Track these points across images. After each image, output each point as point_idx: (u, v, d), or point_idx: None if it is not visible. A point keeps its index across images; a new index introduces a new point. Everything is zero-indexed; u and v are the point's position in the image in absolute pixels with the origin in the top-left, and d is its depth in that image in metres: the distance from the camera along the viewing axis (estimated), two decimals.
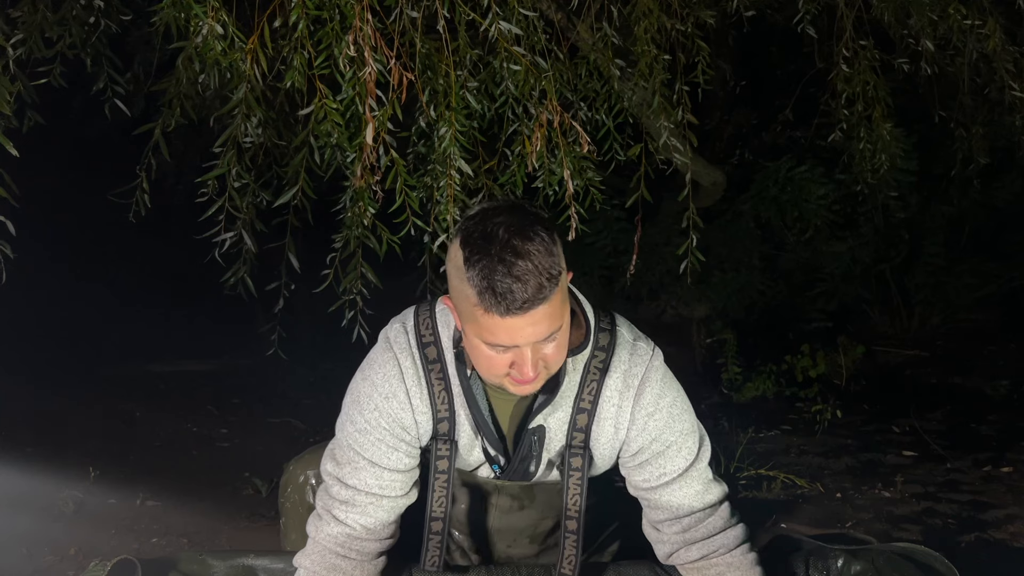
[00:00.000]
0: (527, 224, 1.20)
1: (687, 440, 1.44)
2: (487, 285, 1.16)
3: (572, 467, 1.42)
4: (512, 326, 1.18)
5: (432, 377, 1.38)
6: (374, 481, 1.42)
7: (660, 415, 1.40)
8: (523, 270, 1.15)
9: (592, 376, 1.38)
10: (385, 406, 1.39)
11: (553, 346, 1.24)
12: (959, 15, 2.84)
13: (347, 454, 1.43)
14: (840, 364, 4.32)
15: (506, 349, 1.22)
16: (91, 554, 2.26)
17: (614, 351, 1.39)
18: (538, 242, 1.18)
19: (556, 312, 1.21)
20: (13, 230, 2.04)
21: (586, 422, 1.40)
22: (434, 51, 2.23)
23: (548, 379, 1.33)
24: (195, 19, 2.04)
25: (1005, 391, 4.06)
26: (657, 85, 2.58)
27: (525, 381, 1.26)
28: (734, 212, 5.08)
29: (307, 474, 1.68)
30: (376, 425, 1.39)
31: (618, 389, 1.39)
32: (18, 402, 3.61)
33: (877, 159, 3.09)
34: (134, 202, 2.47)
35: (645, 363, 1.40)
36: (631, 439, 1.41)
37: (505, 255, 1.16)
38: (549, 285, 1.17)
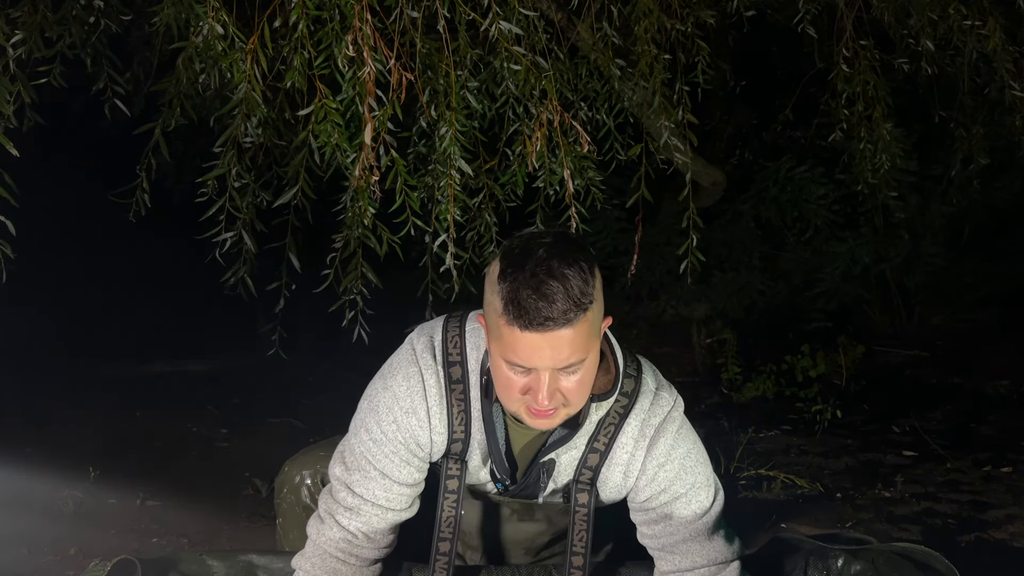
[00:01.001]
0: (569, 251, 1.19)
1: (699, 493, 1.40)
2: (513, 297, 1.15)
3: (579, 503, 1.41)
4: (531, 343, 1.16)
5: (453, 398, 1.37)
6: (382, 493, 1.41)
7: (671, 466, 1.38)
8: (552, 289, 1.14)
9: (611, 420, 1.37)
10: (404, 421, 1.38)
11: (575, 380, 1.22)
12: (959, 15, 2.84)
13: (358, 461, 1.42)
14: (840, 364, 4.32)
15: (525, 372, 1.20)
16: (91, 554, 2.26)
17: (636, 399, 1.38)
18: (576, 269, 1.17)
19: (581, 343, 1.18)
20: (13, 230, 2.04)
21: (597, 462, 1.39)
22: (434, 51, 2.23)
23: (568, 418, 1.30)
24: (195, 19, 2.04)
25: (1005, 391, 4.06)
26: (657, 85, 2.58)
27: (541, 413, 1.23)
28: (734, 212, 5.08)
29: (303, 474, 1.67)
30: (392, 438, 1.38)
31: (634, 437, 1.38)
32: (18, 402, 3.61)
33: (877, 159, 3.09)
34: (134, 202, 2.47)
35: (664, 413, 1.39)
36: (640, 487, 1.40)
37: (539, 271, 1.16)
38: (576, 311, 1.15)
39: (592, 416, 1.35)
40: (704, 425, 3.63)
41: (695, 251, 2.65)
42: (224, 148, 2.27)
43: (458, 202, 2.21)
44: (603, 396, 1.34)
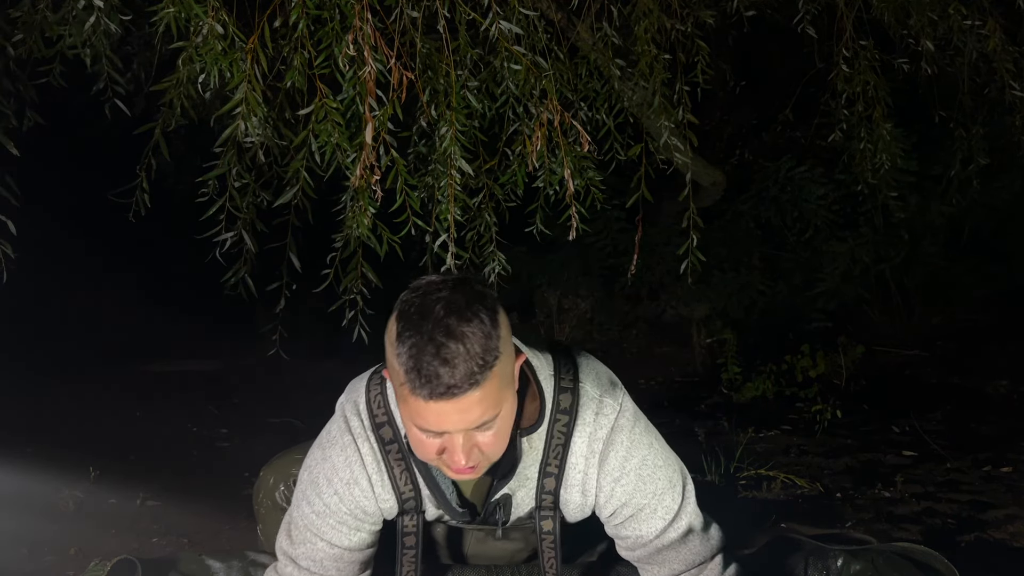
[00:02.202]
0: (468, 303, 1.11)
1: (663, 500, 1.34)
2: (414, 365, 1.08)
3: (544, 530, 1.36)
4: (439, 411, 1.10)
5: (391, 460, 1.32)
6: (332, 564, 1.36)
7: (627, 479, 1.32)
8: (453, 353, 1.07)
9: (557, 440, 1.30)
10: (346, 492, 1.33)
11: (490, 435, 1.16)
12: (959, 15, 2.84)
13: (303, 535, 1.37)
14: (840, 364, 4.32)
15: (436, 435, 1.14)
16: (91, 554, 2.25)
17: (578, 412, 1.31)
18: (476, 324, 1.09)
19: (490, 400, 1.12)
20: (14, 230, 2.04)
21: (553, 486, 1.33)
22: (434, 51, 2.23)
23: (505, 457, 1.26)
24: (195, 19, 2.04)
25: (1005, 391, 4.06)
26: (657, 85, 2.58)
27: (462, 470, 1.18)
28: (734, 212, 5.09)
29: (277, 478, 1.68)
30: (336, 509, 1.34)
31: (583, 454, 1.31)
32: (18, 402, 3.61)
33: (877, 159, 3.09)
34: (134, 202, 2.47)
35: (610, 423, 1.32)
36: (601, 504, 1.35)
37: (437, 335, 1.08)
38: (481, 371, 1.08)
39: (526, 449, 1.30)
40: (704, 425, 3.63)
41: (695, 251, 2.65)
42: (224, 148, 2.27)
43: (458, 202, 2.21)
44: (530, 429, 1.29)
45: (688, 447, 3.22)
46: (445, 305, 1.10)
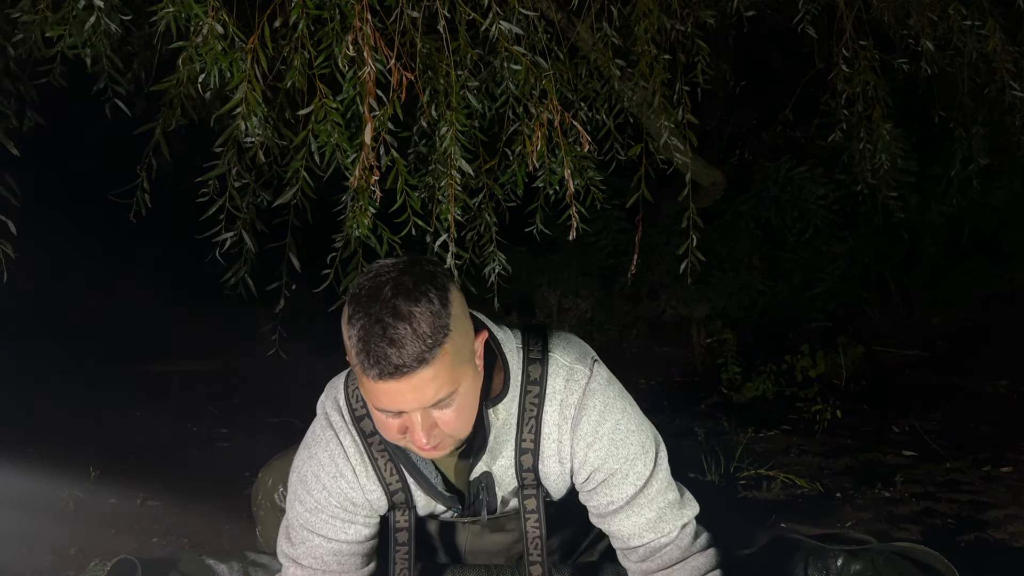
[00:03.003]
0: (416, 284, 1.12)
1: (634, 465, 1.35)
2: (363, 347, 1.10)
3: (527, 509, 1.37)
4: (391, 391, 1.11)
5: (374, 451, 1.33)
6: (332, 559, 1.37)
7: (600, 444, 1.33)
8: (401, 334, 1.08)
9: (529, 413, 1.31)
10: (334, 485, 1.35)
11: (449, 412, 1.16)
12: (959, 15, 2.84)
13: (300, 534, 1.38)
14: (840, 364, 4.32)
15: (395, 415, 1.15)
16: (91, 554, 2.26)
17: (547, 382, 1.32)
18: (423, 304, 1.10)
19: (443, 378, 1.12)
20: (14, 229, 2.04)
21: (531, 462, 1.34)
22: (434, 51, 2.23)
23: (478, 433, 1.28)
24: (195, 19, 2.04)
25: (1005, 391, 4.06)
26: (657, 85, 2.58)
27: (426, 449, 1.19)
28: (734, 212, 5.09)
29: (275, 479, 1.68)
30: (327, 504, 1.35)
31: (556, 423, 1.32)
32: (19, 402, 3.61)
33: (877, 159, 3.09)
34: (134, 202, 2.47)
35: (581, 388, 1.32)
36: (576, 470, 1.36)
37: (384, 316, 1.09)
38: (429, 350, 1.09)
39: (493, 420, 1.30)
40: (704, 425, 3.63)
41: (695, 251, 2.65)
42: (224, 148, 2.27)
43: (458, 202, 2.21)
44: (497, 399, 1.30)
45: (688, 447, 3.22)
46: (393, 286, 1.12)
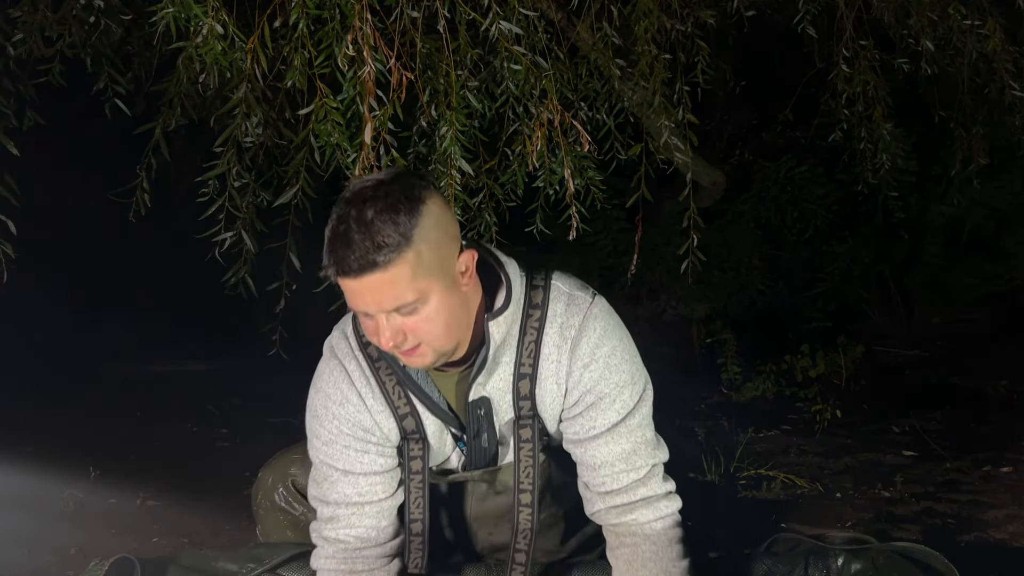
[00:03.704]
0: (389, 193, 1.18)
1: (622, 393, 1.38)
2: (327, 244, 1.19)
3: (522, 439, 1.40)
4: (351, 289, 1.19)
5: (382, 375, 1.37)
6: (352, 490, 1.39)
7: (596, 365, 1.35)
8: (358, 238, 1.15)
9: (529, 337, 1.35)
10: (341, 412, 1.38)
11: (417, 319, 1.20)
12: (959, 15, 2.84)
13: (321, 471, 1.42)
14: (840, 364, 4.32)
15: (369, 316, 1.21)
16: (91, 554, 2.25)
17: (548, 306, 1.36)
18: (389, 213, 1.16)
19: (404, 286, 1.17)
20: (14, 229, 2.05)
21: (529, 388, 1.37)
22: (434, 51, 2.23)
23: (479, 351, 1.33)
24: (195, 19, 2.04)
25: (1005, 391, 4.05)
26: (657, 85, 2.58)
27: (403, 353, 1.24)
28: (734, 212, 5.09)
29: (275, 478, 1.68)
30: (339, 433, 1.38)
31: (556, 344, 1.35)
32: (18, 402, 3.61)
33: (877, 159, 3.09)
34: (134, 202, 2.47)
35: (583, 312, 1.36)
36: (569, 391, 1.38)
37: (349, 218, 1.16)
38: (381, 255, 1.14)
39: (493, 333, 1.32)
40: (704, 425, 3.63)
41: (695, 251, 2.66)
42: (224, 148, 2.27)
43: (458, 202, 2.21)
44: (498, 312, 1.32)
45: (688, 447, 3.22)
46: (371, 193, 1.18)
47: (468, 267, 1.27)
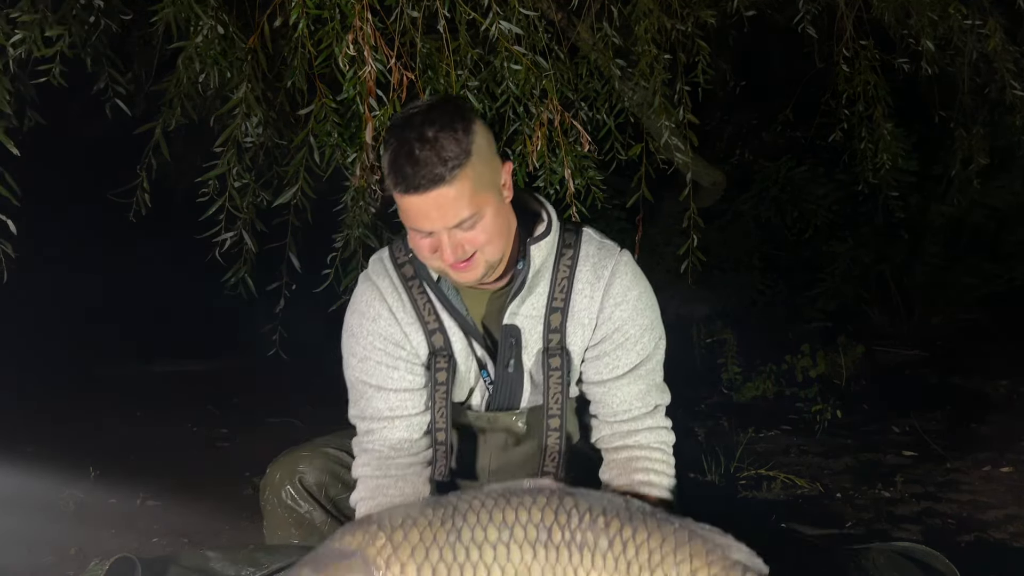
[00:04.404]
0: (446, 113, 1.27)
1: (643, 337, 1.48)
2: (391, 166, 1.26)
3: (551, 367, 1.46)
4: (417, 207, 1.25)
5: (414, 292, 1.45)
6: (384, 405, 1.47)
7: (626, 306, 1.46)
8: (425, 155, 1.23)
9: (562, 274, 1.45)
10: (373, 327, 1.46)
11: (476, 231, 1.29)
12: (959, 15, 2.84)
13: (357, 389, 1.49)
14: (840, 364, 4.32)
15: (427, 234, 1.28)
16: (91, 554, 2.25)
17: (581, 246, 1.46)
18: (448, 132, 1.24)
19: (465, 199, 1.25)
20: (14, 229, 2.04)
21: (560, 321, 1.45)
22: (435, 51, 2.23)
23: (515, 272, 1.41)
24: (195, 19, 2.04)
25: (1005, 391, 4.05)
26: (658, 85, 2.58)
27: (457, 266, 1.31)
28: (734, 212, 5.09)
29: (283, 475, 1.69)
30: (372, 348, 1.46)
31: (589, 281, 1.45)
32: (18, 402, 3.61)
33: (877, 159, 3.10)
34: (134, 201, 2.47)
35: (614, 257, 1.47)
36: (598, 326, 1.46)
37: (411, 137, 1.24)
38: (449, 169, 1.23)
39: (534, 255, 1.40)
40: (704, 425, 3.63)
41: (695, 251, 2.66)
42: (224, 148, 2.27)
43: None
44: (539, 237, 1.42)
45: (688, 447, 3.22)
46: (422, 117, 1.26)
47: (507, 179, 1.36)
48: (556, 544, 1.18)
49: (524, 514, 1.20)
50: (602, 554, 1.19)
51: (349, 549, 1.20)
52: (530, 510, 1.20)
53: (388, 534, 1.19)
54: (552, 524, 1.19)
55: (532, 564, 1.18)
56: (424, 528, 1.19)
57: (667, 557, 1.18)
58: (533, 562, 1.18)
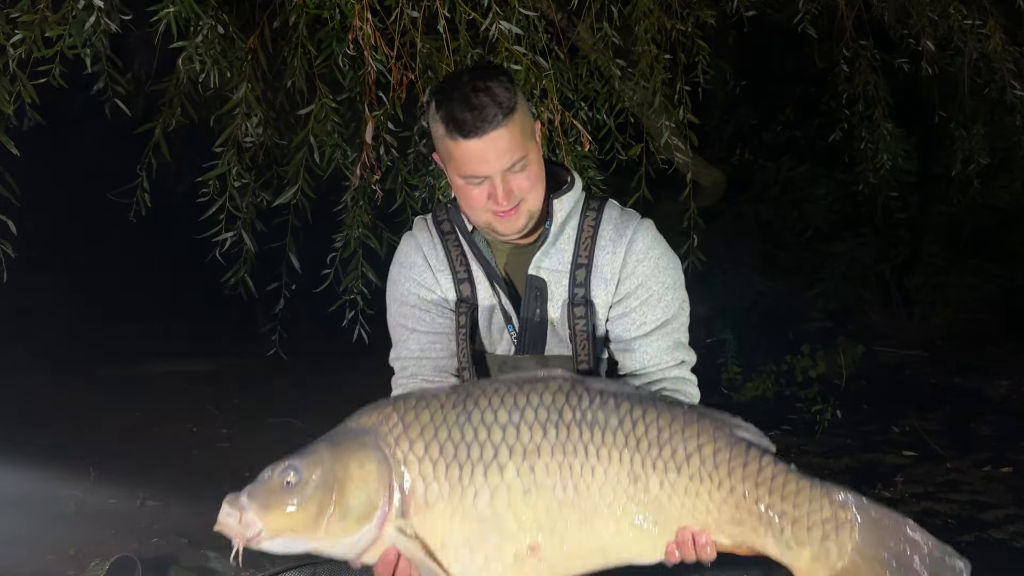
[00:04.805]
0: (490, 69, 1.42)
1: (666, 294, 1.52)
2: (447, 113, 1.35)
3: (576, 316, 1.52)
4: (476, 152, 1.35)
5: (448, 244, 1.55)
6: (415, 345, 1.55)
7: (648, 262, 1.51)
8: (479, 99, 1.34)
9: (586, 233, 1.53)
10: (410, 274, 1.55)
11: (523, 176, 1.39)
12: (959, 15, 2.84)
13: (396, 333, 1.58)
14: (840, 364, 4.32)
15: (480, 181, 1.38)
16: (91, 554, 2.26)
17: (604, 210, 1.55)
18: (495, 81, 1.36)
19: (517, 141, 1.37)
20: (14, 229, 2.04)
21: (584, 276, 1.52)
22: (435, 50, 2.23)
23: (538, 228, 1.49)
24: (195, 19, 2.04)
25: (1005, 391, 4.05)
26: (658, 85, 2.58)
27: (505, 214, 1.40)
28: (734, 212, 5.09)
29: None
30: (408, 292, 1.55)
31: (611, 239, 1.52)
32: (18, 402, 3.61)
33: (878, 159, 3.09)
34: (134, 201, 2.47)
35: (636, 219, 1.55)
36: (621, 281, 1.52)
37: (464, 90, 1.35)
38: (503, 112, 1.34)
39: (557, 210, 1.51)
40: None
41: (695, 251, 2.66)
42: (224, 148, 2.27)
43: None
44: (562, 191, 1.52)
45: None
46: (469, 73, 1.39)
47: (537, 133, 1.47)
48: (567, 423, 1.22)
49: (536, 398, 1.24)
50: (612, 431, 1.22)
51: (363, 428, 1.25)
52: (542, 395, 1.24)
53: (400, 414, 1.24)
54: (563, 406, 1.22)
55: (542, 443, 1.21)
56: (436, 410, 1.24)
57: (675, 434, 1.22)
58: (543, 441, 1.22)
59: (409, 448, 1.22)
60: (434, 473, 1.21)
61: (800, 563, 1.19)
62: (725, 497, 1.21)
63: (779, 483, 1.25)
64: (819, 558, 1.19)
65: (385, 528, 1.20)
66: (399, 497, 1.21)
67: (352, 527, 1.20)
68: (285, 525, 1.23)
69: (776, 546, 1.20)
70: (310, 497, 1.22)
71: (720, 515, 1.21)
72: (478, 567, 1.20)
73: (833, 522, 1.21)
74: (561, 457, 1.21)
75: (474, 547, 1.20)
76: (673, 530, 1.21)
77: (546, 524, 1.20)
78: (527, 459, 1.20)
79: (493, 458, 1.21)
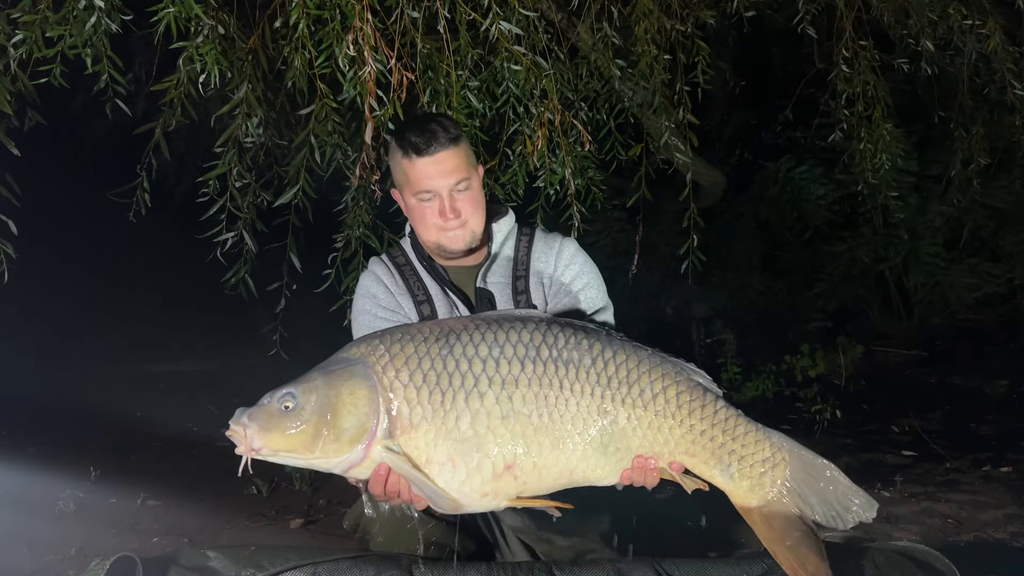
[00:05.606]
0: (437, 114, 1.74)
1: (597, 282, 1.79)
2: (404, 139, 1.59)
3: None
4: (427, 170, 1.59)
5: (405, 273, 1.75)
6: None
7: (575, 266, 1.78)
8: (430, 127, 1.59)
9: (521, 253, 1.78)
10: (376, 300, 1.73)
11: (467, 197, 1.63)
12: (959, 15, 2.84)
13: None
14: (840, 364, 4.32)
15: (431, 197, 1.61)
16: (92, 553, 2.25)
17: (535, 233, 1.82)
18: (444, 118, 1.65)
19: (462, 164, 1.61)
20: (14, 229, 2.05)
21: (524, 285, 1.76)
22: (435, 51, 2.23)
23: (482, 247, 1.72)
24: (195, 19, 2.04)
25: (1005, 391, 4.06)
26: (658, 85, 2.58)
27: (451, 229, 1.63)
28: (734, 212, 5.09)
29: None
30: (374, 317, 1.72)
31: (543, 251, 1.79)
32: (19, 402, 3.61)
33: (877, 159, 3.09)
34: (134, 201, 2.47)
35: (560, 237, 1.82)
36: (556, 278, 1.78)
37: (419, 121, 1.63)
38: (450, 138, 1.59)
39: (496, 232, 1.75)
40: None
41: (695, 251, 2.66)
42: (225, 148, 2.27)
43: None
44: (498, 217, 1.76)
45: None
46: (421, 114, 1.62)
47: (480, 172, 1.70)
48: (544, 360, 1.37)
49: (515, 335, 1.38)
50: (586, 369, 1.38)
51: (353, 358, 1.38)
52: (520, 332, 1.39)
53: (387, 346, 1.37)
54: (540, 343, 1.38)
55: (520, 376, 1.36)
56: (420, 343, 1.37)
57: (643, 375, 1.39)
58: (521, 374, 1.36)
59: (395, 376, 1.35)
60: (418, 398, 1.34)
61: (739, 491, 1.40)
62: (684, 433, 1.39)
63: (731, 424, 1.43)
64: (755, 489, 1.40)
65: (374, 447, 1.33)
66: (387, 419, 1.33)
67: (344, 448, 1.33)
68: (283, 446, 1.36)
69: (721, 476, 1.40)
70: (307, 421, 1.34)
71: (676, 448, 1.39)
72: (460, 480, 1.33)
73: (771, 461, 1.41)
74: (537, 389, 1.35)
75: (456, 463, 1.33)
76: (631, 458, 1.38)
77: (522, 446, 1.34)
78: (505, 388, 1.35)
79: (474, 386, 1.35)
